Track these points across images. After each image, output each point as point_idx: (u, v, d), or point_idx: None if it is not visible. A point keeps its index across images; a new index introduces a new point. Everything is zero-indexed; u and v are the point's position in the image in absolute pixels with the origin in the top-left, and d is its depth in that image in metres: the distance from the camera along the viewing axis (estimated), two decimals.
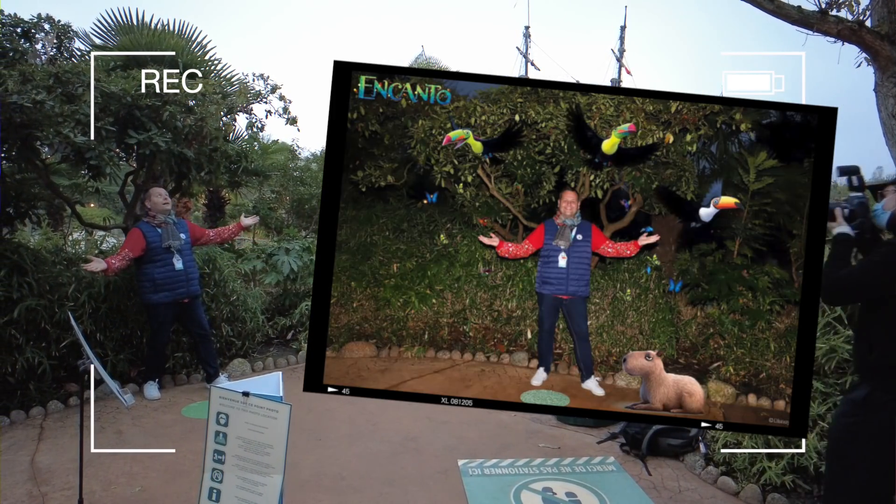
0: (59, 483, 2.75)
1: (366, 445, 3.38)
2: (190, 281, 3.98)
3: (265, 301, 5.87)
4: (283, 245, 6.21)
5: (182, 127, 4.23)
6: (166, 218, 3.90)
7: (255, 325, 5.18)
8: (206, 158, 4.61)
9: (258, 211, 7.57)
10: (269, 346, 5.46)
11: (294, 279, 6.01)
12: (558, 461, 3.12)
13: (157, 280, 3.84)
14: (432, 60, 12.57)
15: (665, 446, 3.23)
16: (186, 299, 3.97)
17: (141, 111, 4.06)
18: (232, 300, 4.99)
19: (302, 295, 6.06)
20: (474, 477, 2.90)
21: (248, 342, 5.07)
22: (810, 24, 3.60)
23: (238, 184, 6.26)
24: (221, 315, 4.86)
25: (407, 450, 3.33)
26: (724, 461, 3.01)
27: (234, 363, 4.74)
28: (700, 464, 3.10)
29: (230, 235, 4.38)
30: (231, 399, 1.84)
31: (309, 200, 8.30)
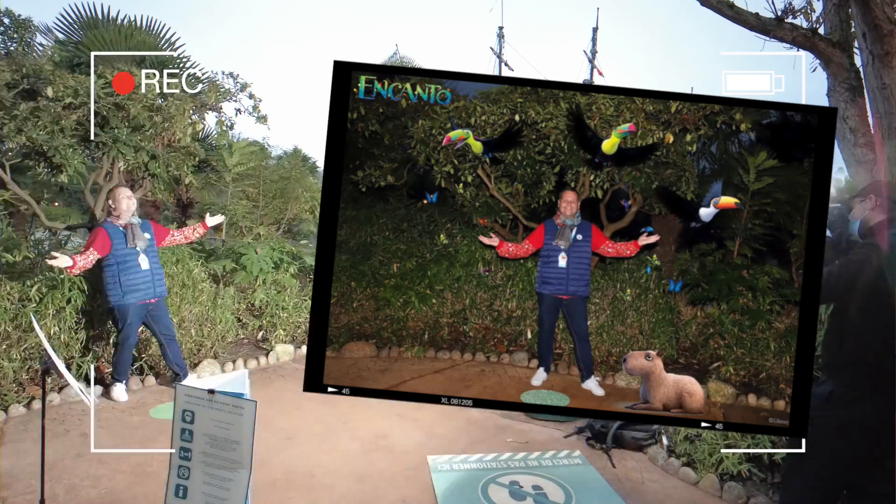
0: (21, 487, 2.72)
1: (337, 443, 3.39)
2: (156, 281, 3.94)
3: (236, 301, 5.79)
4: (253, 245, 6.16)
5: (148, 125, 4.17)
6: (131, 218, 3.84)
7: (226, 325, 5.12)
8: (173, 157, 4.56)
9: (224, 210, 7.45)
10: (240, 347, 5.42)
11: (264, 279, 5.94)
12: (526, 455, 3.16)
13: (123, 281, 3.79)
14: (406, 60, 12.43)
15: (629, 439, 3.33)
16: (153, 300, 3.92)
17: (106, 109, 3.98)
18: (201, 300, 4.93)
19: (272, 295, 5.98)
20: (443, 472, 2.92)
21: (219, 343, 5.02)
22: (767, 30, 3.75)
23: (209, 183, 6.17)
24: (191, 316, 4.81)
25: (378, 447, 3.34)
26: (686, 453, 3.12)
27: (203, 364, 4.70)
28: (662, 456, 3.20)
29: (196, 235, 4.32)
30: (197, 397, 1.85)
31: (281, 199, 8.15)
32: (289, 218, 8.33)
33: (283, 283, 6.06)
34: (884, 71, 3.22)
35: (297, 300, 5.92)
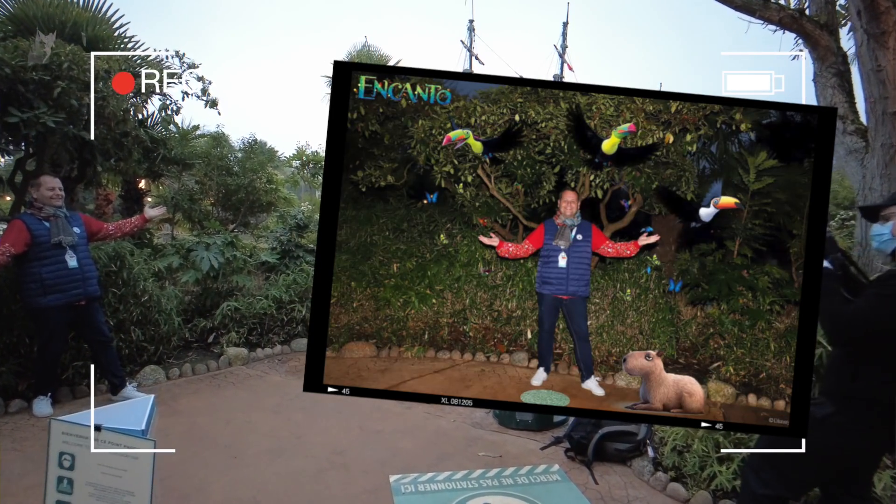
0: None
1: (288, 462, 3.12)
2: (86, 281, 3.58)
3: (183, 301, 5.41)
4: (204, 240, 5.72)
5: (79, 106, 3.67)
6: (56, 210, 3.48)
7: (171, 327, 4.74)
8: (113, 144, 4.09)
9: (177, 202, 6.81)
10: (188, 350, 5.06)
11: (215, 277, 5.52)
12: (499, 472, 2.78)
13: (45, 280, 3.40)
14: (374, 49, 12.22)
15: (612, 451, 3.09)
16: (82, 301, 3.57)
17: (26, 86, 3.49)
18: (143, 301, 4.53)
19: (224, 294, 5.58)
20: (407, 495, 2.56)
21: (163, 347, 4.65)
22: (753, 10, 3.66)
23: (157, 174, 5.67)
24: (131, 318, 4.42)
25: (334, 465, 3.09)
26: (674, 466, 2.88)
27: (145, 371, 4.36)
28: (648, 469, 2.98)
29: (132, 229, 3.96)
30: (78, 435, 1.44)
31: (236, 192, 7.61)
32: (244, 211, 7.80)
33: (237, 281, 5.67)
34: (879, 51, 3.08)
35: (251, 299, 5.49)
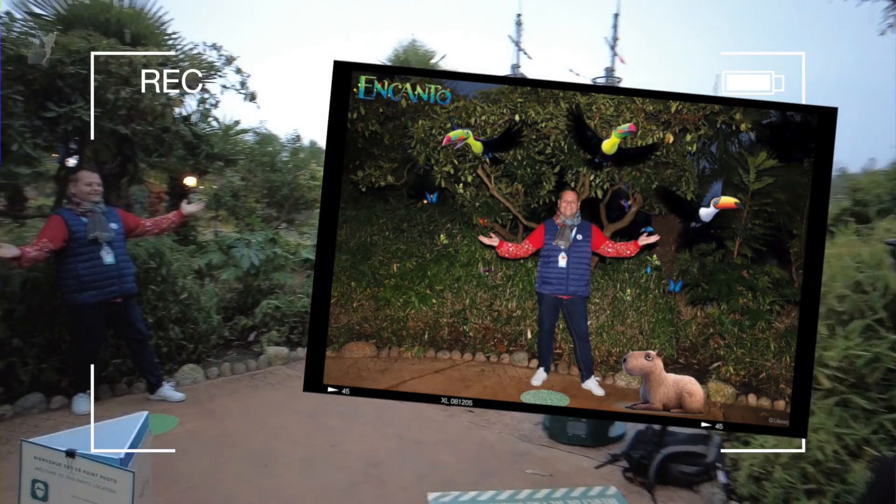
0: None
1: (320, 474, 2.93)
2: (123, 277, 3.54)
3: (223, 299, 5.31)
4: (245, 237, 5.65)
5: (115, 100, 3.62)
6: (93, 206, 3.46)
7: (209, 326, 4.67)
8: (153, 139, 4.03)
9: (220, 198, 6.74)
10: (227, 349, 4.97)
11: (256, 274, 5.45)
12: (549, 493, 2.49)
13: (82, 276, 3.37)
14: (418, 44, 12.31)
15: (677, 474, 2.81)
16: (119, 299, 3.54)
17: (63, 80, 3.46)
18: (182, 298, 4.47)
19: (265, 292, 5.50)
20: None
21: (202, 345, 4.58)
22: None
23: (202, 170, 5.58)
24: (169, 315, 4.36)
25: (368, 479, 2.89)
26: (750, 496, 2.48)
27: (184, 369, 4.30)
28: (720, 498, 2.63)
29: (170, 225, 3.91)
30: (51, 461, 1.36)
31: (280, 188, 7.54)
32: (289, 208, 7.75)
33: (278, 279, 5.59)
34: None
35: (292, 297, 5.45)
